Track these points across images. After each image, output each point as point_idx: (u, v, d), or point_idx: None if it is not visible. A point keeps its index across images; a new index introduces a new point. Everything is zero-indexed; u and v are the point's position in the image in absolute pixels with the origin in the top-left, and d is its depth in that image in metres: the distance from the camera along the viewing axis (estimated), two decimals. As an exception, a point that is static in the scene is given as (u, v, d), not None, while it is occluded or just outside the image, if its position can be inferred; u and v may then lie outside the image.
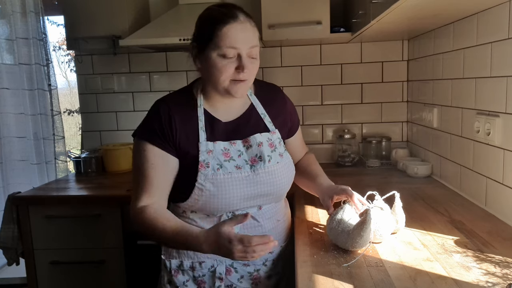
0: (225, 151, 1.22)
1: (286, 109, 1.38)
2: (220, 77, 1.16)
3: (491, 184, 1.48)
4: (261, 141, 1.25)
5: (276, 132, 1.31)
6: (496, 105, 1.42)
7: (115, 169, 2.51)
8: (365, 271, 1.04)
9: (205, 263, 1.27)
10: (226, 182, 1.19)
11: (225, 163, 1.20)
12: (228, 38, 1.13)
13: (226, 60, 1.15)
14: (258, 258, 1.03)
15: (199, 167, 1.19)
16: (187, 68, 2.58)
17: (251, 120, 1.29)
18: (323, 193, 1.34)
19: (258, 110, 1.31)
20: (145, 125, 1.23)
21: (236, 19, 1.14)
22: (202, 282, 1.28)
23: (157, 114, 1.22)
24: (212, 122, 1.24)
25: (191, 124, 1.22)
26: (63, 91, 7.26)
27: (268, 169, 1.23)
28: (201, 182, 1.19)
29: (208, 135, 1.23)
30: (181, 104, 1.24)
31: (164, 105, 1.23)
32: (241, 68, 1.15)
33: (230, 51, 1.14)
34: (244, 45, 1.14)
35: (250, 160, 1.23)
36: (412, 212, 1.46)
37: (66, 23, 2.35)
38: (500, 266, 1.04)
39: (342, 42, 2.44)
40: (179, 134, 1.20)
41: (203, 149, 1.20)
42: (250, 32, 1.17)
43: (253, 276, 1.29)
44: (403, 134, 2.55)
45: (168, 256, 1.30)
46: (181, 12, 2.32)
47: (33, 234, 2.06)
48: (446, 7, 1.46)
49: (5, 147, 2.41)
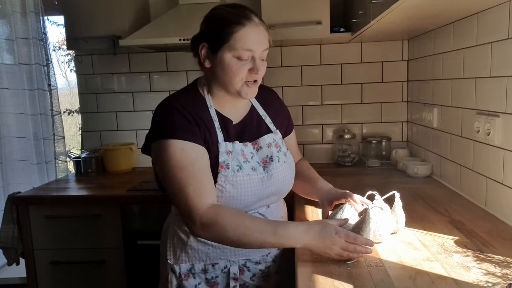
0: (242, 152, 1.22)
1: (282, 111, 1.41)
2: (235, 78, 1.16)
3: (491, 184, 1.48)
4: (270, 142, 1.27)
5: (278, 132, 1.33)
6: (496, 105, 1.42)
7: (115, 169, 2.52)
8: (365, 271, 1.04)
9: (218, 265, 1.27)
10: (245, 183, 1.20)
11: (244, 164, 1.21)
12: (245, 41, 1.14)
13: (241, 62, 1.15)
14: (354, 258, 1.06)
15: (219, 168, 1.18)
16: (187, 68, 2.58)
17: (253, 122, 1.30)
18: (323, 197, 1.37)
19: (259, 112, 1.32)
20: (168, 125, 1.16)
21: (251, 21, 1.15)
22: (215, 283, 1.28)
23: (177, 112, 1.17)
24: (225, 122, 1.24)
25: (209, 123, 1.21)
26: (63, 91, 7.25)
27: (278, 169, 1.25)
28: (221, 184, 1.18)
29: (224, 136, 1.22)
30: (193, 104, 1.21)
31: (179, 103, 1.19)
32: (255, 70, 1.16)
33: (246, 53, 1.14)
34: (259, 48, 1.16)
35: (261, 161, 1.24)
36: (412, 212, 1.46)
37: (66, 23, 2.35)
38: (500, 266, 1.04)
39: (342, 42, 2.44)
40: (204, 130, 1.19)
41: (222, 150, 1.19)
42: (264, 35, 1.18)
43: (264, 273, 1.31)
44: (403, 134, 2.55)
45: (176, 261, 1.27)
46: (181, 12, 2.32)
47: (33, 234, 2.06)
48: (446, 7, 1.46)
49: (5, 147, 2.41)
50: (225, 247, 1.24)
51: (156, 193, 2.01)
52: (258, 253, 1.29)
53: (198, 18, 1.25)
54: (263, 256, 1.30)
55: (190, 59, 1.28)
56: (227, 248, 1.25)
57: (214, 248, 1.25)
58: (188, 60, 2.61)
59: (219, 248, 1.25)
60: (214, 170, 1.18)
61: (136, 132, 2.69)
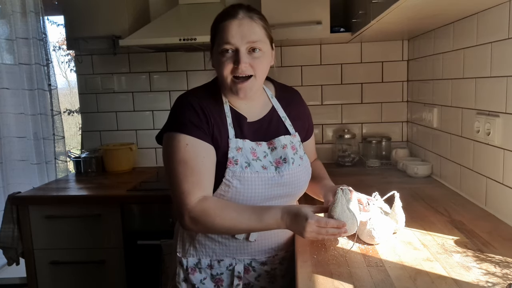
0: (252, 150, 1.23)
1: (304, 113, 1.41)
2: (223, 73, 1.18)
3: (491, 184, 1.48)
4: (285, 143, 1.27)
5: (296, 135, 1.33)
6: (496, 105, 1.42)
7: (115, 169, 2.52)
8: (365, 271, 1.04)
9: (224, 262, 1.28)
10: (253, 180, 1.20)
11: (253, 162, 1.21)
12: (224, 34, 1.16)
13: (225, 56, 1.17)
14: (328, 238, 1.12)
15: (227, 163, 1.19)
16: (187, 68, 2.58)
17: (272, 122, 1.30)
18: (326, 192, 1.36)
19: (279, 113, 1.33)
20: (180, 119, 1.20)
21: (235, 16, 1.17)
22: (220, 280, 1.29)
23: (191, 107, 1.20)
24: (239, 119, 1.25)
25: (221, 119, 1.23)
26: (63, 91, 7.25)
27: (291, 171, 1.25)
28: (229, 179, 1.19)
29: (236, 132, 1.23)
30: (209, 98, 1.24)
31: (194, 98, 1.23)
32: (236, 62, 1.16)
33: (226, 46, 1.16)
34: (240, 40, 1.16)
35: (274, 162, 1.24)
36: (412, 212, 1.46)
37: (66, 23, 2.35)
38: (500, 266, 1.04)
39: (342, 42, 2.44)
40: (213, 126, 1.20)
41: (232, 146, 1.21)
42: (248, 27, 1.17)
43: (270, 274, 1.31)
44: (403, 134, 2.55)
45: (185, 254, 1.30)
46: (181, 12, 2.32)
47: (33, 234, 2.07)
48: (446, 7, 1.46)
49: (5, 147, 2.41)
50: (231, 244, 1.26)
51: (156, 193, 2.01)
52: (264, 254, 1.29)
53: (198, 18, 1.26)
54: (269, 257, 1.30)
55: (190, 59, 1.29)
56: (233, 245, 1.26)
57: (221, 245, 1.26)
58: (188, 60, 2.63)
59: (225, 245, 1.26)
60: (223, 165, 1.20)
61: (136, 132, 2.69)
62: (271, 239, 1.28)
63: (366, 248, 1.18)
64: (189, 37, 2.07)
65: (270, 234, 1.27)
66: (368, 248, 1.18)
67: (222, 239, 1.26)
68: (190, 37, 2.07)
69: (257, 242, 1.27)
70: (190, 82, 2.59)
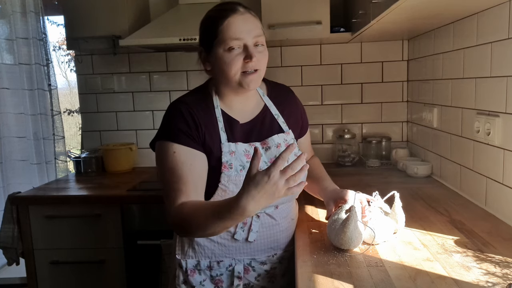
0: (246, 152, 1.22)
1: (297, 110, 1.40)
2: (231, 71, 1.16)
3: (491, 184, 1.48)
4: (279, 142, 1.26)
5: (290, 132, 1.32)
6: (496, 105, 1.42)
7: (115, 169, 2.52)
8: (365, 271, 1.04)
9: (223, 262, 1.28)
10: None
11: (247, 164, 1.20)
12: (231, 30, 1.14)
13: (233, 53, 1.15)
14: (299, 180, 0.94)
15: (222, 168, 1.18)
16: (187, 68, 2.58)
17: (265, 121, 1.29)
18: (327, 197, 1.36)
19: (271, 111, 1.32)
20: (169, 126, 1.20)
21: (236, 11, 1.16)
22: (220, 281, 1.28)
23: (180, 114, 1.19)
24: (230, 123, 1.24)
25: (212, 124, 1.22)
26: (63, 91, 7.25)
27: None
28: (224, 183, 1.18)
29: (228, 136, 1.23)
30: (200, 104, 1.23)
31: (184, 105, 1.21)
32: (249, 57, 1.15)
33: (235, 42, 1.14)
34: (248, 35, 1.15)
35: (269, 161, 1.23)
36: (412, 212, 1.46)
37: (66, 23, 2.35)
38: (500, 266, 1.04)
39: (342, 42, 2.44)
40: (204, 133, 1.20)
41: (225, 150, 1.20)
42: (252, 22, 1.18)
43: (269, 274, 1.31)
44: (403, 134, 2.55)
45: (184, 256, 1.29)
46: (181, 12, 2.32)
47: (33, 234, 2.07)
48: (446, 7, 1.46)
49: (5, 147, 2.41)
50: (230, 245, 1.26)
51: (156, 193, 2.01)
52: (264, 253, 1.29)
53: (198, 18, 1.25)
54: (269, 256, 1.30)
55: (190, 59, 1.29)
56: (232, 246, 1.26)
57: (220, 246, 1.26)
58: (188, 60, 2.63)
59: (225, 246, 1.26)
60: (217, 170, 1.19)
61: (136, 132, 2.69)
62: (270, 238, 1.28)
63: (366, 248, 1.18)
64: (189, 37, 2.07)
65: (269, 233, 1.27)
66: (368, 248, 1.18)
67: (221, 240, 1.26)
68: (190, 37, 2.07)
69: (256, 242, 1.27)
70: (190, 82, 2.60)
